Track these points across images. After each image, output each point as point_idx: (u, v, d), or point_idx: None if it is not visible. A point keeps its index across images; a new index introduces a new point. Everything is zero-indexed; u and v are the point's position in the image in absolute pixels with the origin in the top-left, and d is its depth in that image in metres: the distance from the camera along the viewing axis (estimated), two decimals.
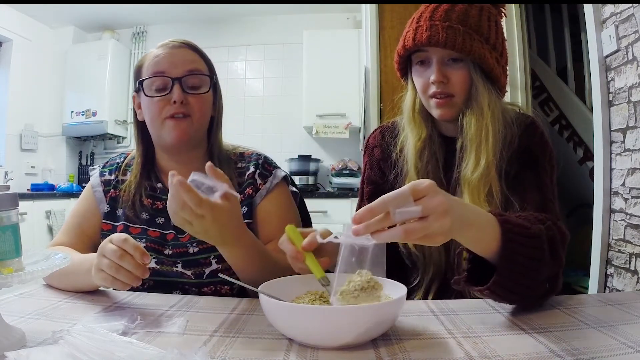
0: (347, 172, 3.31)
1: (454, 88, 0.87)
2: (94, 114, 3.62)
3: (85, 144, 3.97)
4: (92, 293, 0.80)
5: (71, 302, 0.75)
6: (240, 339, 0.58)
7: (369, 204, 0.53)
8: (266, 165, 1.01)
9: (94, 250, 0.90)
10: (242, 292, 0.90)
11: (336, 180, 3.31)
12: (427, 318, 0.67)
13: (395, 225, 0.52)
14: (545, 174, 0.87)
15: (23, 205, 2.63)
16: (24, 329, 0.57)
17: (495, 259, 0.62)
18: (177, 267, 0.91)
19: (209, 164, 0.70)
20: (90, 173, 1.05)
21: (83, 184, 3.80)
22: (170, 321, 0.64)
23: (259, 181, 0.99)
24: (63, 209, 3.19)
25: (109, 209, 0.99)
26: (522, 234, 0.62)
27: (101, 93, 3.65)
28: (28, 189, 3.39)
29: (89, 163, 3.94)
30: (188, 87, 0.92)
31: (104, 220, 0.98)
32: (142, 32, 3.96)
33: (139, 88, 0.95)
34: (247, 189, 0.98)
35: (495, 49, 0.88)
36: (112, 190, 1.00)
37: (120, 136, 3.86)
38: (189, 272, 0.91)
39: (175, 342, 0.57)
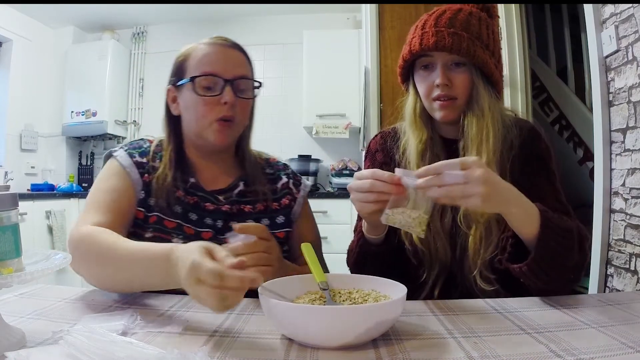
0: (347, 172, 3.31)
1: (456, 91, 0.91)
2: (94, 114, 3.62)
3: (85, 144, 3.96)
4: (92, 293, 0.80)
5: (71, 302, 0.75)
6: (240, 339, 0.58)
7: (427, 165, 0.68)
8: (294, 175, 1.06)
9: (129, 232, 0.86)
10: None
11: (336, 180, 3.31)
12: (427, 318, 0.67)
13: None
14: (555, 178, 0.93)
15: (23, 205, 2.62)
16: (24, 329, 0.57)
17: (533, 241, 0.74)
18: None
19: (238, 226, 0.72)
20: (114, 153, 0.94)
21: (83, 184, 3.80)
22: (170, 321, 0.64)
23: (294, 190, 1.03)
24: (63, 209, 3.19)
25: (143, 194, 0.90)
26: (557, 224, 0.75)
27: (101, 93, 3.65)
28: (28, 189, 3.39)
29: (89, 163, 3.94)
30: (238, 91, 0.91)
31: (138, 208, 0.90)
32: (142, 32, 3.96)
33: (176, 82, 0.94)
34: (284, 199, 1.00)
35: (494, 56, 0.93)
36: (146, 174, 0.92)
37: (120, 136, 3.86)
38: None
39: (175, 342, 0.57)
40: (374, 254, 0.90)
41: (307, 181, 1.08)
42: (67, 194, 3.32)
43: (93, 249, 0.75)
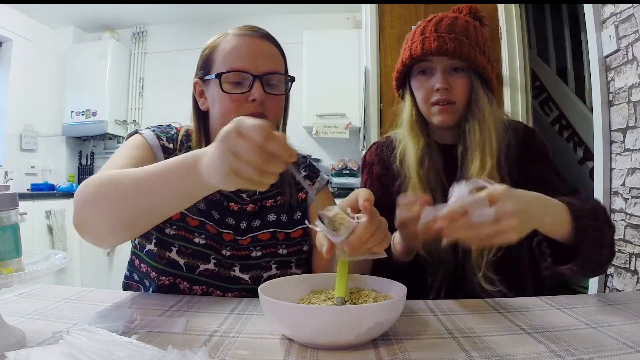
0: (347, 172, 3.31)
1: (455, 95, 0.92)
2: (94, 114, 3.62)
3: (85, 144, 3.97)
4: (92, 293, 0.80)
5: (71, 302, 0.75)
6: (240, 339, 0.58)
7: (452, 207, 0.60)
8: (311, 169, 1.03)
9: None
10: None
11: (336, 180, 3.31)
12: (427, 318, 0.67)
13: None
14: (557, 168, 0.95)
15: (23, 205, 2.63)
16: (24, 329, 0.57)
17: (569, 237, 0.71)
18: (234, 270, 0.86)
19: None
20: (140, 131, 0.89)
21: None
22: (170, 321, 0.64)
23: (308, 183, 0.99)
24: (63, 209, 3.18)
25: None
26: (585, 209, 0.72)
27: (101, 93, 3.65)
28: (28, 189, 3.39)
29: (89, 163, 3.94)
30: (268, 86, 0.86)
31: None
32: (142, 32, 3.96)
33: (203, 76, 0.89)
34: (300, 194, 0.97)
35: (489, 62, 0.95)
36: None
37: (120, 136, 3.86)
38: (246, 277, 0.87)
39: (175, 342, 0.57)
40: (401, 267, 0.87)
41: (325, 175, 1.03)
42: (67, 194, 3.32)
43: (104, 180, 0.67)
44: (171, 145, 0.89)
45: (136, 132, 0.90)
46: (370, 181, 1.08)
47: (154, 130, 0.90)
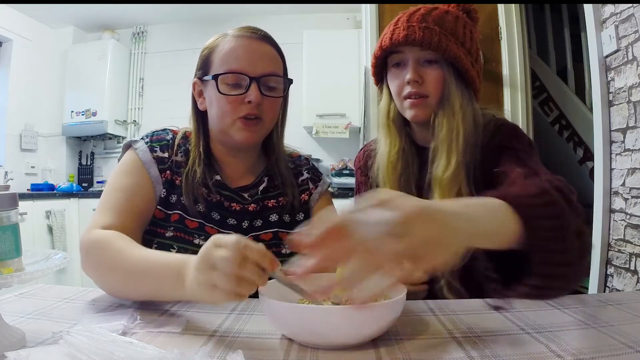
0: (347, 172, 3.31)
1: (427, 88, 0.87)
2: (94, 114, 3.63)
3: (85, 144, 3.97)
4: (92, 293, 0.80)
5: (71, 302, 0.75)
6: (240, 339, 0.58)
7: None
8: (314, 171, 1.03)
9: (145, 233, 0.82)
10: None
11: (336, 180, 3.31)
12: (427, 318, 0.67)
13: None
14: (525, 155, 0.81)
15: (23, 205, 2.62)
16: (24, 329, 0.57)
17: (523, 241, 0.51)
18: None
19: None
20: (134, 145, 0.89)
21: (83, 184, 3.80)
22: (170, 321, 0.64)
23: (311, 186, 1.00)
24: (63, 209, 3.19)
25: (164, 193, 0.86)
26: (534, 196, 0.53)
27: (101, 93, 3.65)
28: (28, 189, 3.39)
29: (89, 163, 3.94)
30: (265, 88, 0.86)
31: (158, 207, 0.86)
32: (142, 32, 3.96)
33: (202, 76, 0.89)
34: (303, 195, 0.98)
35: (470, 54, 0.89)
36: (167, 171, 0.87)
37: (120, 136, 3.86)
38: None
39: (175, 342, 0.57)
40: None
41: (327, 179, 1.04)
42: (67, 194, 3.32)
43: (104, 255, 0.73)
44: (166, 154, 0.89)
45: (130, 145, 0.90)
46: (357, 186, 1.07)
47: (147, 142, 0.89)
